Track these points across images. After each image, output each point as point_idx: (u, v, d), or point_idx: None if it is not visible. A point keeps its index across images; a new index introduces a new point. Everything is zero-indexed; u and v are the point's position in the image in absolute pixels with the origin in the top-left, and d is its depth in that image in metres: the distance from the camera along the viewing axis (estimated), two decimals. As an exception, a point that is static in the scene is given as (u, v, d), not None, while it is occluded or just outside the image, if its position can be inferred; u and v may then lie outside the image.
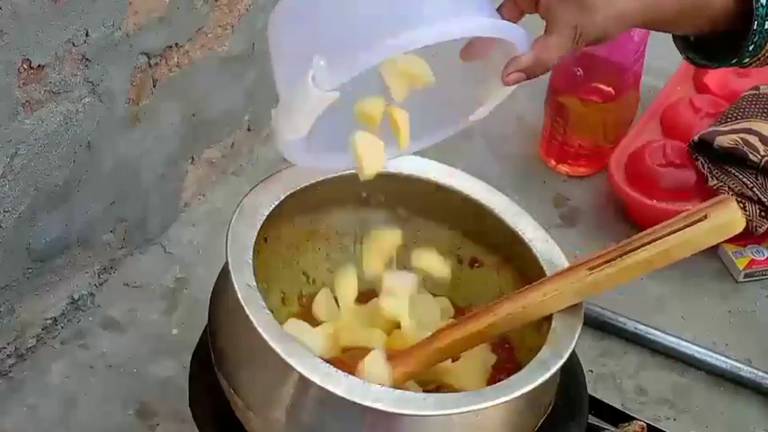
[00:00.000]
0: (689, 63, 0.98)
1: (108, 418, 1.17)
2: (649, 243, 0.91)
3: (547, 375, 0.87)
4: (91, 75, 1.13)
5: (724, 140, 1.41)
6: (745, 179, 1.39)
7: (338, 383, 0.83)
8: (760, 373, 1.27)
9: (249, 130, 1.47)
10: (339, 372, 0.84)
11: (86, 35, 1.10)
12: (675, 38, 0.96)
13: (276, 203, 0.96)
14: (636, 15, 0.87)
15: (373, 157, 0.93)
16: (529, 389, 0.85)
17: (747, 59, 0.92)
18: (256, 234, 0.92)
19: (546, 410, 0.92)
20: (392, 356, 0.93)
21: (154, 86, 1.24)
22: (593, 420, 1.11)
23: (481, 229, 1.05)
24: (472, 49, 0.90)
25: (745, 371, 1.28)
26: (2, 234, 1.10)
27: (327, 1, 0.84)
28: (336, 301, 1.03)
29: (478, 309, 0.95)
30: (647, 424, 1.13)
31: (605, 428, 1.13)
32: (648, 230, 0.92)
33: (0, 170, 1.06)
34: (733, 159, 1.40)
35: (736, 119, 1.46)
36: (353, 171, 0.95)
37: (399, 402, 0.83)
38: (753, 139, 1.41)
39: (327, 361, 0.85)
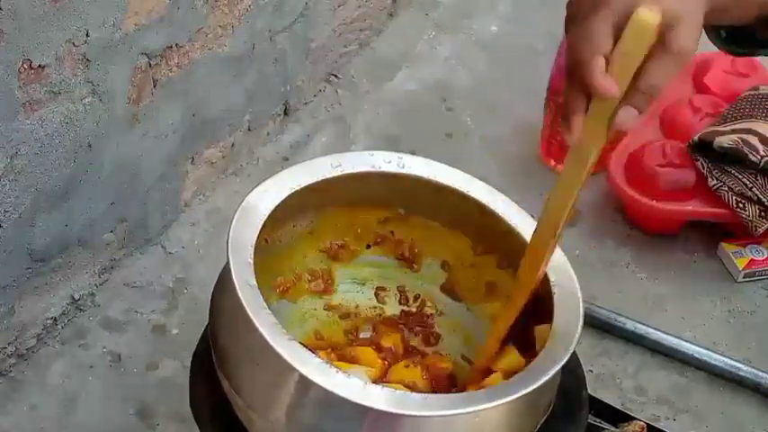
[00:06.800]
0: (734, 55, 0.98)
1: (108, 418, 1.17)
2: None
3: (547, 376, 0.87)
4: (91, 75, 1.13)
5: (724, 141, 1.40)
6: (744, 179, 1.39)
7: (338, 383, 0.83)
8: (759, 373, 1.27)
9: (249, 130, 1.47)
10: (339, 372, 0.84)
11: (86, 35, 1.10)
12: (711, 35, 0.96)
13: (276, 203, 0.96)
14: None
15: None
16: (529, 390, 0.85)
17: None
18: (257, 234, 0.92)
19: (546, 411, 0.92)
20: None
21: (154, 86, 1.24)
22: (592, 420, 1.11)
23: (481, 229, 1.05)
24: None
25: (745, 371, 1.28)
26: (2, 234, 1.10)
27: None
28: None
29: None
30: (647, 424, 1.14)
31: (605, 428, 1.13)
32: None
33: (0, 170, 1.06)
34: (733, 159, 1.40)
35: (736, 119, 1.46)
36: (352, 171, 0.95)
37: (399, 402, 0.83)
38: (752, 140, 1.41)
39: (327, 361, 0.85)
